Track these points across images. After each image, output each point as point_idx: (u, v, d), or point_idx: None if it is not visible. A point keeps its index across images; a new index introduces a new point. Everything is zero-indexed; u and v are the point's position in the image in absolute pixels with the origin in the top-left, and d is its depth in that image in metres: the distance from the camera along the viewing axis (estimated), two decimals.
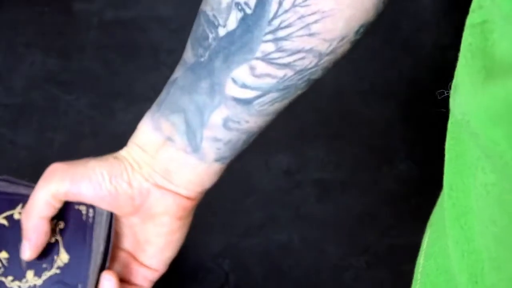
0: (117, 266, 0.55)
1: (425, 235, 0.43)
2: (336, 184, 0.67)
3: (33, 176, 0.65)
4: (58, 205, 0.52)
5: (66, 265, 0.53)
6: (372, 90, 0.75)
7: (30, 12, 0.78)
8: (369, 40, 0.79)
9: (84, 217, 0.53)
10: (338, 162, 0.69)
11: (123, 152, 0.52)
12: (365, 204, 0.66)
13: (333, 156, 0.69)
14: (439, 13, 0.83)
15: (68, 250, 0.53)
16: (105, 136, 0.68)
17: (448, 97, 0.34)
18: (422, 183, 0.67)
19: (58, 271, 0.53)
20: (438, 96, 0.34)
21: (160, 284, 0.58)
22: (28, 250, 0.53)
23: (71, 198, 0.52)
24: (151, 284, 0.56)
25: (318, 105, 0.73)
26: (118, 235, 0.55)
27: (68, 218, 0.53)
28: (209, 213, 0.64)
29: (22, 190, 0.54)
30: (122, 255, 0.55)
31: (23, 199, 0.53)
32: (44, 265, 0.53)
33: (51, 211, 0.52)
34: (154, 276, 0.55)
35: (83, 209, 0.53)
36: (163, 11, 0.79)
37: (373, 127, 0.72)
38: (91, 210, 0.53)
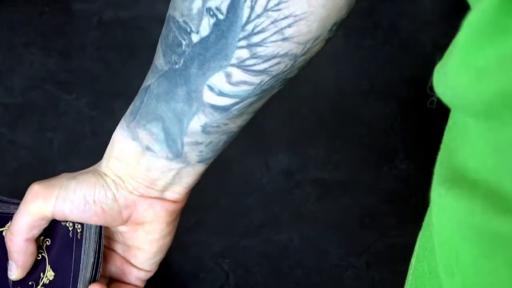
0: (110, 266, 0.56)
1: (419, 236, 0.43)
2: (336, 184, 0.67)
3: (33, 176, 0.65)
4: (44, 225, 0.52)
5: (51, 282, 0.53)
6: (372, 90, 0.75)
7: (30, 12, 0.78)
8: (369, 40, 0.79)
9: (70, 234, 0.52)
10: (338, 162, 0.69)
11: (103, 168, 0.51)
12: (365, 204, 0.66)
13: (333, 156, 0.69)
14: (439, 13, 0.83)
15: (54, 267, 0.53)
16: (105, 136, 0.68)
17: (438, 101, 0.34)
18: (422, 183, 0.67)
19: None
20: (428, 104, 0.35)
21: (160, 284, 0.58)
22: (16, 271, 0.53)
23: (57, 218, 0.52)
24: (144, 283, 0.56)
25: (318, 105, 0.73)
26: (109, 241, 0.55)
27: (55, 235, 0.53)
28: (209, 213, 0.64)
29: (12, 209, 0.54)
30: (115, 256, 0.55)
31: (11, 217, 0.53)
32: (30, 283, 0.53)
33: (36, 232, 0.52)
34: (147, 275, 0.56)
35: (70, 225, 0.52)
36: (163, 11, 0.79)
37: (373, 127, 0.72)
38: (78, 225, 0.52)
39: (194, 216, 0.62)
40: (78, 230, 0.52)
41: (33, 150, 0.67)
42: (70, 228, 0.52)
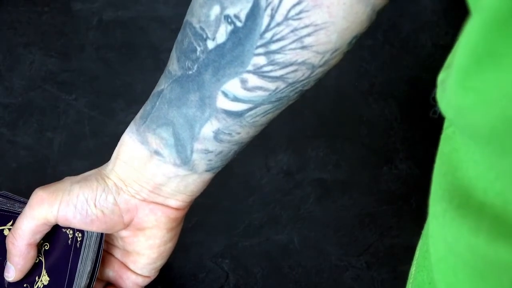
0: (108, 270, 0.56)
1: (418, 245, 0.43)
2: (336, 184, 0.67)
3: (33, 176, 0.65)
4: (46, 230, 0.52)
5: (45, 287, 0.53)
6: (372, 90, 0.75)
7: (30, 12, 0.78)
8: (369, 40, 0.79)
9: (70, 241, 0.52)
10: (338, 162, 0.69)
11: (107, 171, 0.51)
12: (365, 204, 0.66)
13: (333, 156, 0.69)
14: (439, 13, 0.83)
15: (49, 273, 0.53)
16: (105, 136, 0.68)
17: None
18: (422, 183, 0.67)
19: None
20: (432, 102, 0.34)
21: (160, 284, 0.58)
22: (13, 274, 0.53)
23: (60, 223, 0.52)
24: None
25: (318, 105, 0.73)
26: (108, 245, 0.55)
27: (54, 241, 0.53)
28: (209, 213, 0.64)
29: (17, 207, 0.54)
30: (113, 261, 0.55)
31: (14, 217, 0.53)
32: (25, 285, 0.53)
33: (39, 237, 0.52)
34: (145, 281, 0.56)
35: (70, 232, 0.53)
36: (163, 11, 0.79)
37: (373, 127, 0.72)
38: (79, 234, 0.52)
39: (194, 216, 0.62)
40: (78, 239, 0.52)
41: (33, 150, 0.67)
42: (70, 236, 0.52)
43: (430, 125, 0.72)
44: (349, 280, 0.61)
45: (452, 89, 0.30)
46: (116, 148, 0.52)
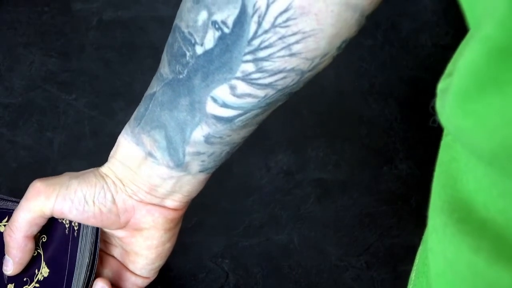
0: (107, 271, 0.55)
1: (418, 251, 0.43)
2: (336, 184, 0.67)
3: (33, 176, 0.65)
4: (43, 223, 0.52)
5: (45, 279, 0.53)
6: (372, 90, 0.75)
7: (30, 12, 0.78)
8: (369, 40, 0.79)
9: (67, 231, 0.52)
10: (338, 162, 0.69)
11: (104, 169, 0.52)
12: (365, 204, 0.66)
13: (333, 156, 0.69)
14: (439, 13, 0.83)
15: (48, 264, 0.53)
16: (105, 136, 0.68)
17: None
18: (422, 183, 0.67)
19: (37, 285, 0.53)
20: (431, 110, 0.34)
21: (160, 284, 0.58)
22: (12, 267, 0.53)
23: (56, 216, 0.52)
24: None
25: (318, 105, 0.73)
26: (107, 245, 0.55)
27: (52, 232, 0.53)
28: (209, 213, 0.64)
29: (10, 205, 0.54)
30: (112, 261, 0.55)
31: (9, 213, 0.53)
32: (25, 279, 0.53)
33: (35, 229, 0.52)
34: (145, 282, 0.56)
35: (66, 222, 0.53)
36: (163, 11, 0.79)
37: (373, 127, 0.72)
38: (75, 223, 0.52)
39: (194, 216, 0.62)
40: (75, 228, 0.52)
41: (33, 150, 0.67)
42: (67, 226, 0.52)
43: (430, 125, 0.72)
44: (349, 280, 0.61)
45: (452, 109, 0.29)
46: (113, 148, 0.52)
